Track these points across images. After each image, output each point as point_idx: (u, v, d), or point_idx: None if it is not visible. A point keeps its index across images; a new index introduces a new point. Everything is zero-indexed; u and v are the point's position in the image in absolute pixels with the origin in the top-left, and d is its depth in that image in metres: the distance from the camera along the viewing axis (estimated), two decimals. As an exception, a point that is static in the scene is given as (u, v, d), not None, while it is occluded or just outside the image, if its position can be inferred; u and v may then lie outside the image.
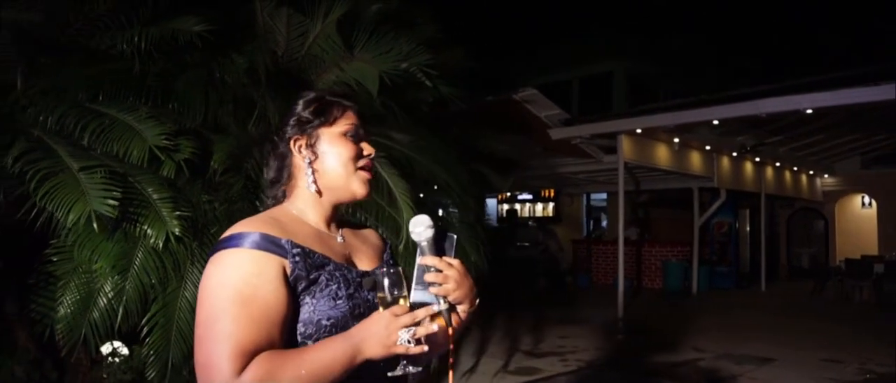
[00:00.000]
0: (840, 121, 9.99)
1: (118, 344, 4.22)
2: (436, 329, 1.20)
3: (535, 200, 18.16)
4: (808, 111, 8.34)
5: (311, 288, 1.24)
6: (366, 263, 1.41)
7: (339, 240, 1.40)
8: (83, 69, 3.83)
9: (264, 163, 1.43)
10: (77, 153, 3.26)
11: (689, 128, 9.92)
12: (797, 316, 9.99)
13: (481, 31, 15.07)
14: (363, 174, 1.37)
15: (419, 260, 1.29)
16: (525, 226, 15.02)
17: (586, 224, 17.38)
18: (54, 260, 3.39)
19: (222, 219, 3.65)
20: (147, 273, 3.35)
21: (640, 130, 9.55)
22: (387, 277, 1.22)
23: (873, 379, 6.05)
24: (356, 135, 1.38)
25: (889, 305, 10.52)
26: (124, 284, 3.32)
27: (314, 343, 1.21)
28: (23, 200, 3.20)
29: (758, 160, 12.47)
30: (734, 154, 11.81)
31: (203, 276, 1.20)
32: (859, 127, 10.73)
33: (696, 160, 11.32)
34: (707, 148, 11.20)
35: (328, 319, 1.22)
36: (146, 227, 3.27)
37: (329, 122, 1.36)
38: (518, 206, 17.95)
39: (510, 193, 17.38)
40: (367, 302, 1.28)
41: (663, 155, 10.57)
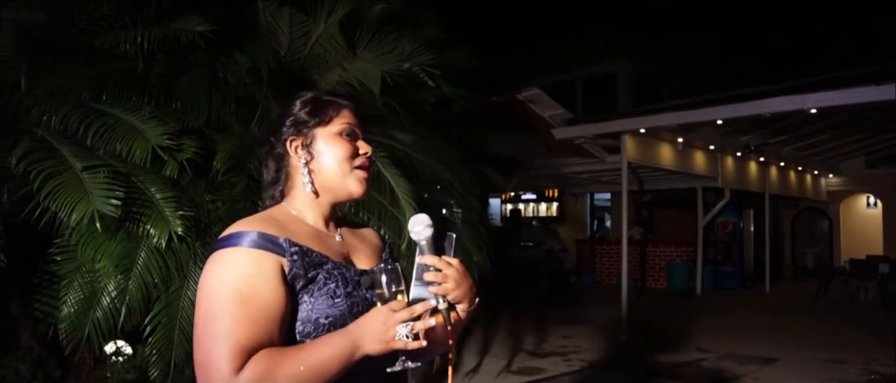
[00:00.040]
0: (845, 121, 9.94)
1: (122, 343, 4.24)
2: (433, 323, 1.20)
3: (539, 200, 18.15)
4: (812, 111, 8.30)
5: (309, 286, 1.23)
6: (364, 262, 1.40)
7: (338, 239, 1.39)
8: (87, 69, 3.85)
9: (263, 165, 1.43)
10: (80, 153, 3.28)
11: (692, 128, 9.89)
12: (801, 316, 9.96)
13: (485, 31, 15.05)
14: (360, 173, 1.37)
15: (418, 259, 1.29)
16: (529, 225, 15.00)
17: (590, 224, 17.34)
18: (58, 259, 3.41)
19: (225, 218, 3.66)
20: (150, 272, 3.36)
21: (643, 130, 9.52)
22: (384, 273, 1.22)
23: (878, 379, 6.03)
24: (352, 134, 1.37)
25: (894, 305, 10.48)
26: (127, 283, 3.34)
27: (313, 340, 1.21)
28: (27, 200, 3.22)
29: (762, 160, 12.43)
30: (738, 154, 11.76)
31: (202, 276, 1.20)
32: (864, 126, 10.69)
33: (699, 160, 11.28)
34: (711, 148, 11.16)
35: (326, 318, 1.22)
36: (149, 227, 3.28)
37: (324, 122, 1.36)
38: (522, 206, 17.94)
39: (514, 193, 17.37)
40: (366, 301, 1.28)
41: (667, 155, 10.54)
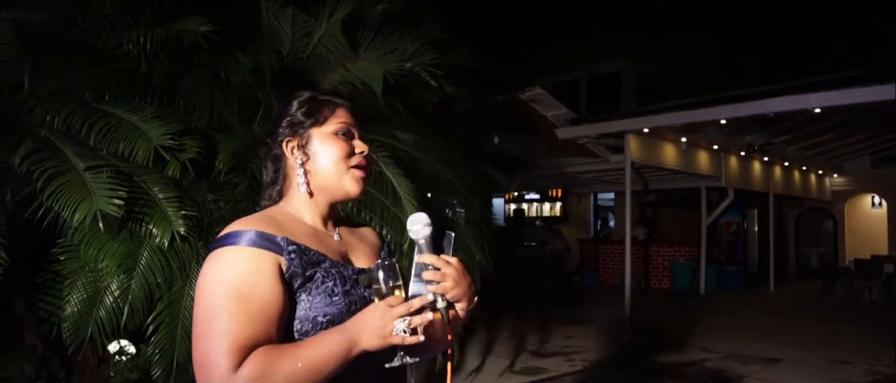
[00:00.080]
0: (849, 121, 9.89)
1: (125, 342, 4.25)
2: (431, 317, 1.20)
3: (542, 200, 18.12)
4: (816, 110, 8.27)
5: (307, 285, 1.24)
6: (363, 261, 1.40)
7: (336, 238, 1.40)
8: (89, 69, 3.86)
9: (263, 166, 1.44)
10: (83, 153, 3.29)
11: (696, 128, 9.86)
12: (805, 316, 9.93)
13: (489, 31, 15.05)
14: (356, 172, 1.37)
15: (417, 258, 1.29)
16: (532, 225, 14.98)
17: (594, 223, 17.32)
18: (61, 259, 3.42)
19: (227, 218, 3.62)
20: (152, 272, 3.37)
21: (647, 130, 9.49)
22: (382, 270, 1.22)
23: (882, 380, 6.01)
24: (348, 134, 1.37)
25: (899, 306, 10.46)
26: (130, 283, 3.34)
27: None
28: (30, 200, 3.23)
29: (766, 159, 12.39)
30: (742, 153, 11.73)
31: (200, 275, 1.20)
32: (868, 126, 10.64)
33: (703, 159, 11.26)
34: (715, 147, 11.12)
35: (324, 316, 1.23)
36: (152, 227, 3.29)
37: (319, 122, 1.36)
38: (525, 206, 17.93)
39: (518, 193, 17.36)
40: (364, 300, 1.28)
41: (671, 154, 10.52)
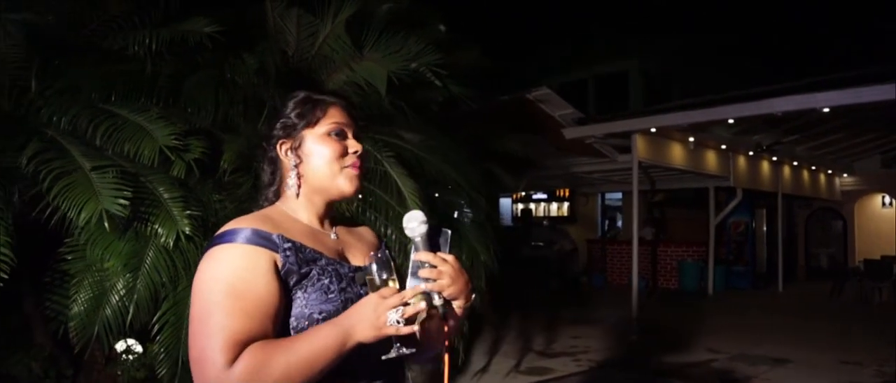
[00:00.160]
0: (858, 120, 9.83)
1: (132, 341, 4.28)
2: (424, 306, 1.21)
3: (550, 200, 18.09)
4: (825, 110, 8.22)
5: (302, 282, 1.24)
6: (360, 259, 1.40)
7: (333, 236, 1.40)
8: (96, 70, 3.89)
9: (260, 168, 1.44)
10: (89, 153, 3.31)
11: (703, 128, 9.82)
12: (814, 317, 9.86)
13: (496, 31, 15.02)
14: (350, 172, 1.37)
15: (413, 255, 1.29)
16: (539, 225, 14.96)
17: (601, 223, 17.27)
18: (68, 258, 3.45)
19: (232, 218, 3.65)
20: (158, 271, 3.39)
21: (654, 129, 9.47)
22: (375, 262, 1.23)
23: (891, 382, 5.96)
24: (340, 133, 1.38)
25: (909, 306, 10.36)
26: (135, 282, 3.37)
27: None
28: (37, 200, 3.26)
29: (775, 159, 12.31)
30: (750, 153, 11.67)
31: (197, 273, 1.21)
32: (878, 125, 10.56)
33: (711, 159, 11.21)
34: (723, 147, 11.07)
35: (320, 313, 1.23)
36: (157, 226, 3.31)
37: (311, 124, 1.37)
38: (533, 206, 17.90)
39: (525, 193, 17.34)
40: (360, 298, 1.27)
41: (678, 154, 10.48)
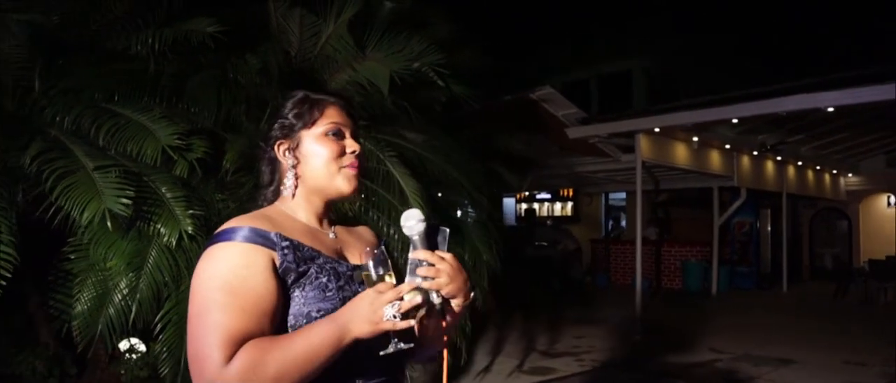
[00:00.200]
0: (863, 120, 9.78)
1: (135, 340, 4.30)
2: (420, 300, 1.21)
3: (553, 200, 18.07)
4: (830, 109, 8.19)
5: (300, 280, 1.25)
6: (358, 258, 1.40)
7: (331, 236, 1.41)
8: (99, 70, 3.91)
9: (259, 167, 1.45)
10: (92, 153, 3.33)
11: (707, 127, 9.78)
12: (819, 317, 9.83)
13: (498, 31, 15.01)
14: (348, 172, 1.37)
15: (411, 254, 1.29)
16: (543, 225, 14.94)
17: (605, 223, 17.25)
18: (71, 257, 3.47)
19: (235, 217, 3.68)
20: (160, 271, 3.40)
21: (657, 129, 9.43)
22: (372, 258, 1.23)
23: (896, 382, 5.95)
24: (338, 133, 1.38)
25: (914, 307, 10.33)
26: (138, 282, 3.38)
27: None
28: (41, 199, 3.28)
29: (779, 159, 12.26)
30: (755, 153, 11.62)
31: (195, 272, 1.21)
32: (883, 125, 10.51)
33: (715, 159, 11.17)
34: (727, 147, 11.03)
35: (318, 311, 1.23)
36: (160, 226, 3.32)
37: (308, 124, 1.37)
38: (537, 206, 17.88)
39: (529, 193, 17.33)
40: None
41: (682, 154, 10.45)
